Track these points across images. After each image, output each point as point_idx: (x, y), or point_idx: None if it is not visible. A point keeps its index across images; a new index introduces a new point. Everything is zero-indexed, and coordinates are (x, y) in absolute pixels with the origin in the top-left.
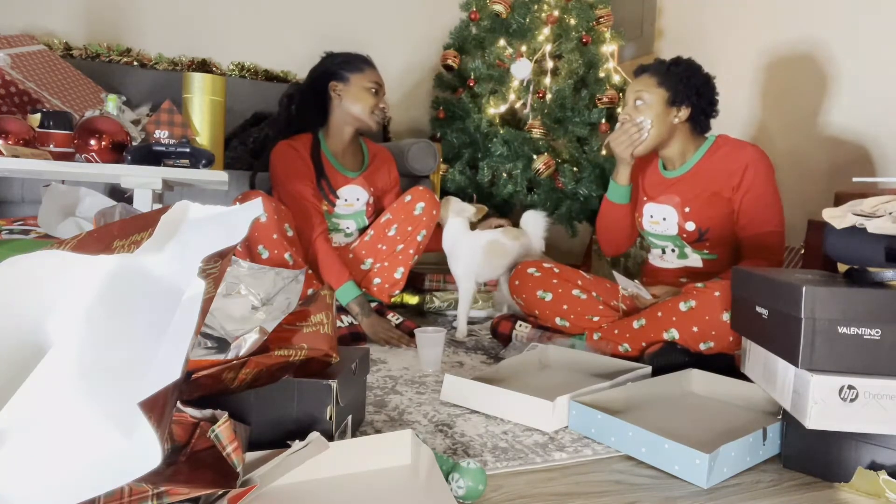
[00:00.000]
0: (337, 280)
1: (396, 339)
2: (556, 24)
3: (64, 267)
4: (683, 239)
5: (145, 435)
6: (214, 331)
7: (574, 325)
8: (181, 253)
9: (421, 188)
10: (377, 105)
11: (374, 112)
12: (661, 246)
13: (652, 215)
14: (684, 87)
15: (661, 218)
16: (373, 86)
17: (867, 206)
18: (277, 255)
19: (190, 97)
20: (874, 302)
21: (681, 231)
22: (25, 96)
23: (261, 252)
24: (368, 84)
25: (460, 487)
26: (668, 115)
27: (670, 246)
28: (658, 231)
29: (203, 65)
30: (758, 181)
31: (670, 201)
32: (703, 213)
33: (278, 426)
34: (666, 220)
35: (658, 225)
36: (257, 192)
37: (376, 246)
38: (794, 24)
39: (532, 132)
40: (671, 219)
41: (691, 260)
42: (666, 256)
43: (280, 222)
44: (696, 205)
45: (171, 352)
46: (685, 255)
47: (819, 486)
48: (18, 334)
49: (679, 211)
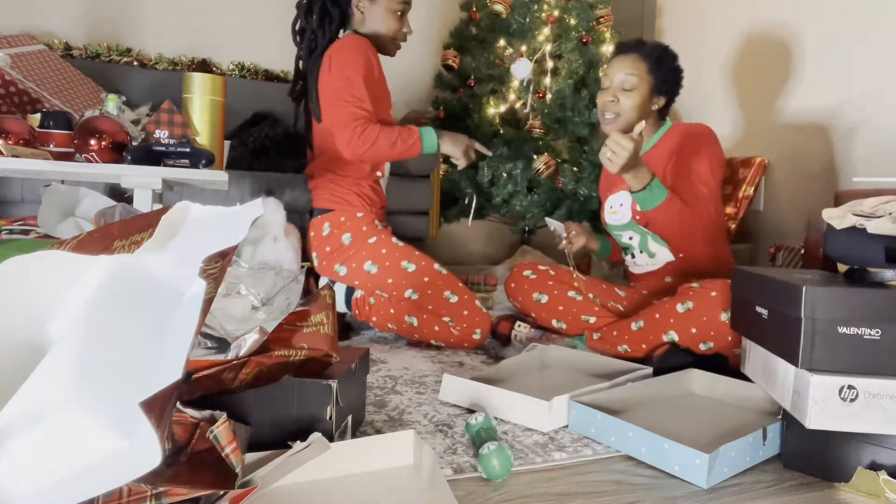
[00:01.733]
0: (413, 141)
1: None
2: (556, 24)
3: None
4: (637, 222)
5: (145, 435)
6: (214, 331)
7: (571, 326)
8: (182, 253)
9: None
10: (400, 30)
11: (396, 38)
12: (626, 241)
13: (611, 206)
14: (671, 78)
15: (619, 204)
16: (400, 7)
17: (867, 207)
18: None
19: (190, 97)
20: (874, 302)
21: (633, 213)
22: (25, 96)
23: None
24: (396, 6)
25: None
26: (649, 103)
27: (633, 237)
28: (617, 221)
29: (203, 65)
30: (690, 148)
31: (623, 186)
32: None
33: (278, 426)
34: (622, 206)
35: (616, 214)
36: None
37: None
38: (794, 24)
39: (532, 132)
40: (626, 204)
41: (659, 254)
42: (637, 259)
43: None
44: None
45: (172, 352)
46: (647, 247)
47: (819, 486)
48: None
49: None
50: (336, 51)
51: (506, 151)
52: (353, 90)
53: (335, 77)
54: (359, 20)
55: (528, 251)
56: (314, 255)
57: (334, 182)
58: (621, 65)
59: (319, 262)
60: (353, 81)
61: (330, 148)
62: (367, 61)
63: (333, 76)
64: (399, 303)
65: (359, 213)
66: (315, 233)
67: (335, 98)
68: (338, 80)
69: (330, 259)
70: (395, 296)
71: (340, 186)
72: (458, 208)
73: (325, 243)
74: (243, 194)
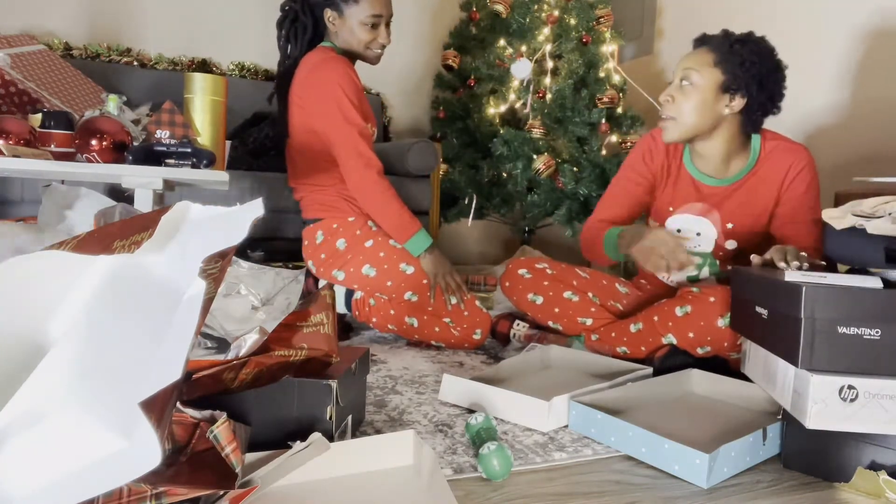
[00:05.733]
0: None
1: (455, 286)
2: (556, 24)
3: (64, 267)
4: (719, 257)
5: (145, 435)
6: (214, 331)
7: (567, 327)
8: (182, 253)
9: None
10: (375, 40)
11: (370, 48)
12: None
13: (680, 229)
14: (745, 71)
15: (695, 233)
16: (370, 20)
17: (867, 207)
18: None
19: (191, 97)
20: (874, 302)
21: (718, 249)
22: (25, 96)
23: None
24: (364, 18)
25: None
26: (717, 103)
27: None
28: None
29: (203, 65)
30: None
31: (709, 215)
32: (748, 231)
33: (278, 426)
34: (700, 236)
35: (688, 241)
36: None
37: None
38: (794, 24)
39: (532, 132)
40: (708, 235)
41: (703, 276)
42: (672, 276)
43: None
44: (742, 222)
45: (172, 352)
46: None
47: (819, 486)
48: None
49: (720, 227)
50: (315, 66)
51: (506, 151)
52: (346, 112)
53: (326, 90)
54: (332, 32)
55: (528, 251)
56: (310, 264)
57: (317, 192)
58: (683, 62)
59: (317, 269)
60: (342, 103)
61: (308, 159)
62: (349, 79)
63: (323, 90)
64: (399, 304)
65: (349, 217)
66: (309, 241)
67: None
68: (330, 98)
69: (327, 266)
70: (394, 298)
71: (326, 195)
72: (458, 208)
73: (319, 251)
74: (243, 194)
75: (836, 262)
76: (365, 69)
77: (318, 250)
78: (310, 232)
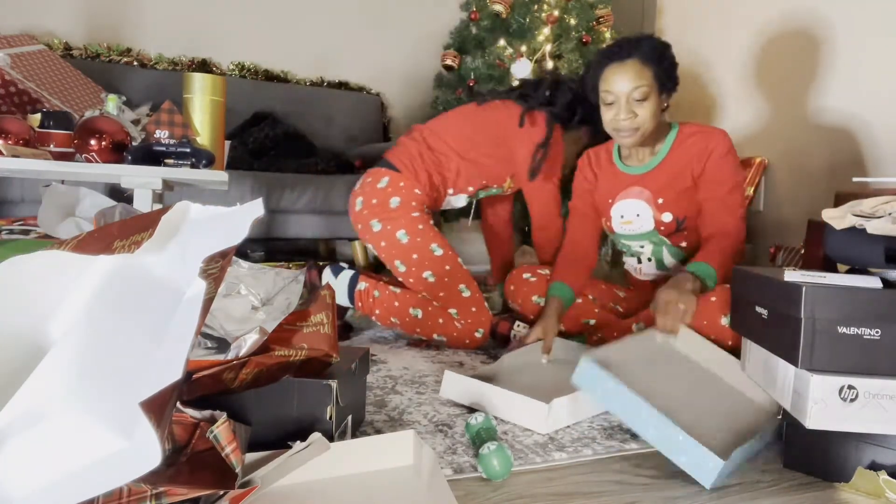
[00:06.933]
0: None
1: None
2: (556, 24)
3: (64, 267)
4: (661, 232)
5: (145, 435)
6: (214, 331)
7: (570, 328)
8: (182, 253)
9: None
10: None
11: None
12: (636, 249)
13: (623, 215)
14: (673, 74)
15: (635, 214)
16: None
17: (867, 207)
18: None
19: (190, 97)
20: (874, 302)
21: (657, 224)
22: (25, 96)
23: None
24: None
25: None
26: (660, 105)
27: (646, 246)
28: (631, 230)
29: (203, 65)
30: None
31: (640, 195)
32: (678, 203)
33: (278, 426)
34: (640, 216)
35: (631, 224)
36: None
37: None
38: (794, 24)
39: None
40: (645, 213)
41: (672, 265)
42: (643, 267)
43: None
44: (669, 195)
45: (172, 352)
46: (662, 259)
47: (819, 486)
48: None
49: (652, 204)
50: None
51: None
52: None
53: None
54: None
55: (528, 251)
56: (359, 200)
57: (428, 150)
58: (624, 75)
59: (361, 207)
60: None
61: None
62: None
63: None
64: (410, 280)
65: (417, 189)
66: (372, 179)
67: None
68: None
69: (371, 210)
70: (413, 271)
71: (424, 160)
72: (458, 208)
73: (374, 195)
74: (243, 194)
75: (836, 261)
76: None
77: (374, 194)
78: (378, 173)
